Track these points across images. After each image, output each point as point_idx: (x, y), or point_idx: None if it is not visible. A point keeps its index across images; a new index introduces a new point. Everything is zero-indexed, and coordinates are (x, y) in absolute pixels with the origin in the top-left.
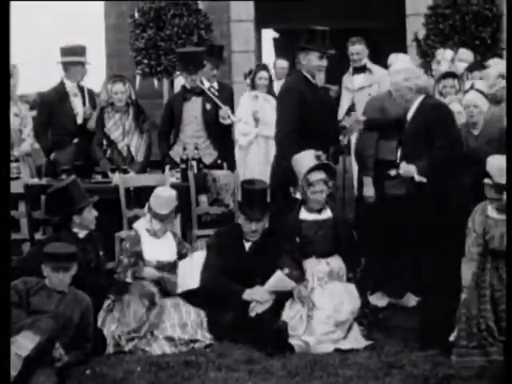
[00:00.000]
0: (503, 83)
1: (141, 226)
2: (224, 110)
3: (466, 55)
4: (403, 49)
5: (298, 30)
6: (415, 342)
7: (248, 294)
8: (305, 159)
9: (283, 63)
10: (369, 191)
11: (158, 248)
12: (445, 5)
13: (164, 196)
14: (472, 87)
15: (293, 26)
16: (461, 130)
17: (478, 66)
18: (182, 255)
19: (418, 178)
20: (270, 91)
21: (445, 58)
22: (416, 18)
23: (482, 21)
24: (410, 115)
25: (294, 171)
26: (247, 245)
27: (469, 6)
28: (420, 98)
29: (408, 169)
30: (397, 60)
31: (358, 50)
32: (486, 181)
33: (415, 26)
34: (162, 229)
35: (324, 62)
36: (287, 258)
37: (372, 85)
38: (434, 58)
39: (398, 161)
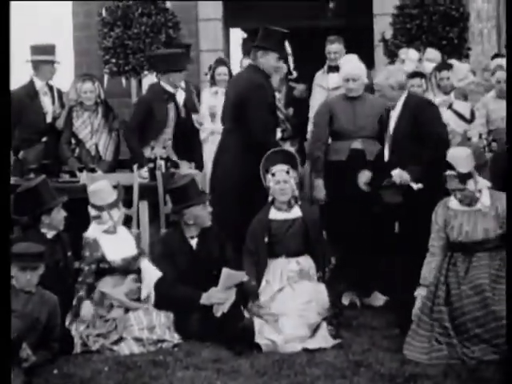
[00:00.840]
0: (472, 78)
1: (94, 230)
2: (201, 116)
3: (433, 55)
4: (371, 48)
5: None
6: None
7: (205, 299)
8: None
9: (248, 62)
10: (319, 193)
11: (118, 246)
12: (412, 5)
13: (95, 190)
14: (450, 106)
15: (261, 26)
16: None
17: (446, 65)
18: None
19: (415, 186)
20: None
21: (409, 57)
22: (383, 17)
23: (448, 21)
24: (396, 113)
25: None
26: (193, 242)
27: (436, 7)
28: (404, 95)
29: (402, 177)
30: (346, 61)
31: (336, 49)
32: (449, 172)
33: (382, 26)
34: (115, 216)
35: (281, 64)
36: (249, 259)
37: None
38: (398, 57)
39: (385, 160)
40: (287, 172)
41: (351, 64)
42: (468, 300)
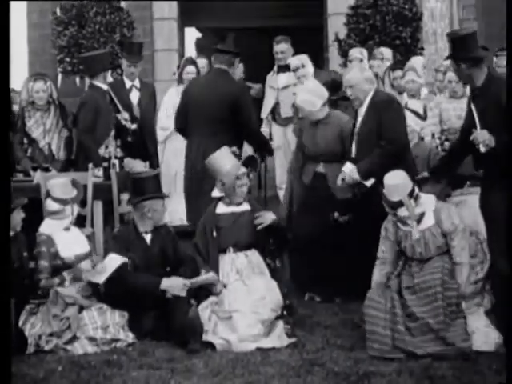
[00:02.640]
0: (411, 76)
1: (50, 226)
2: (123, 114)
3: (386, 55)
4: (326, 48)
5: (221, 29)
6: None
7: (164, 285)
8: (224, 157)
9: (203, 61)
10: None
11: (72, 243)
12: (365, 5)
13: (58, 184)
14: (406, 106)
15: (216, 25)
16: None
17: (399, 64)
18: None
19: (367, 183)
20: None
21: (358, 56)
22: (337, 17)
23: (402, 21)
24: (363, 110)
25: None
26: (147, 238)
27: (389, 7)
28: (371, 92)
29: (352, 177)
30: (295, 60)
31: (282, 48)
32: (384, 195)
33: (336, 26)
34: (75, 211)
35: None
36: (200, 254)
37: (296, 84)
38: (348, 57)
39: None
40: (247, 175)
41: (304, 100)
42: (422, 293)
